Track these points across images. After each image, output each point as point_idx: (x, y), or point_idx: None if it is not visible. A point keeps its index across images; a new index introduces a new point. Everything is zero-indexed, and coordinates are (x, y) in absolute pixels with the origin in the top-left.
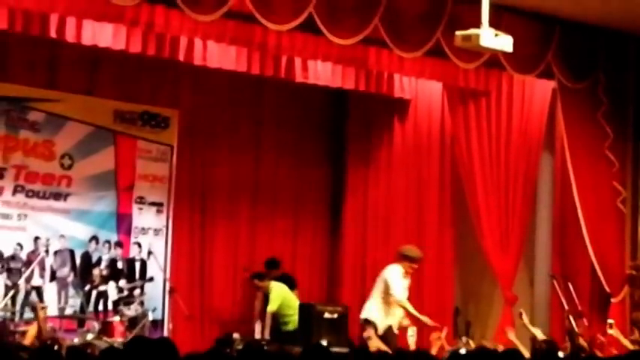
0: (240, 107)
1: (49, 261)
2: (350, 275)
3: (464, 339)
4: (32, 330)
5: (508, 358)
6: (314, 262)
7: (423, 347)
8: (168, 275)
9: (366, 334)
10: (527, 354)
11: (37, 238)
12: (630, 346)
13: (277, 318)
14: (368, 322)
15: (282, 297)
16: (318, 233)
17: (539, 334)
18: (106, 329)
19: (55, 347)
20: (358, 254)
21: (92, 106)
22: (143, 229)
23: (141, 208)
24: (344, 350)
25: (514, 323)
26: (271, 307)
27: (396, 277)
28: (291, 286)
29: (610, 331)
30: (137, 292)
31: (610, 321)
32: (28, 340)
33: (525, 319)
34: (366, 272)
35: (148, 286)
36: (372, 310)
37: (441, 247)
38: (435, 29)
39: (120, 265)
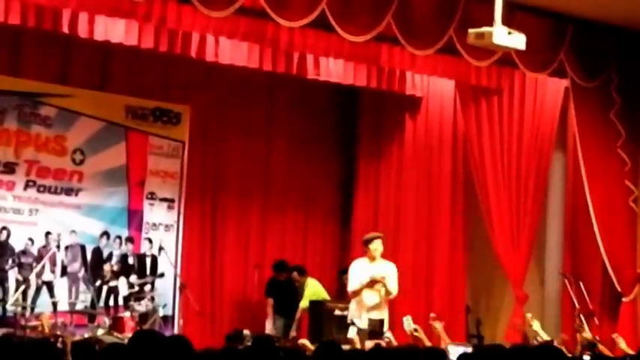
0: (251, 104)
1: (60, 256)
2: None
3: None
4: None
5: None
6: (324, 258)
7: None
8: (178, 271)
9: (349, 335)
10: None
11: (48, 233)
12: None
13: None
14: (352, 323)
15: (314, 294)
16: (329, 230)
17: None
18: (117, 325)
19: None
20: None
21: (104, 101)
22: (154, 224)
23: (152, 204)
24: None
25: (525, 322)
26: (303, 303)
27: (351, 271)
28: None
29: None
30: (148, 287)
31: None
32: None
33: (536, 325)
34: None
35: (158, 281)
36: (352, 309)
37: (452, 245)
38: (447, 27)
39: (131, 260)
